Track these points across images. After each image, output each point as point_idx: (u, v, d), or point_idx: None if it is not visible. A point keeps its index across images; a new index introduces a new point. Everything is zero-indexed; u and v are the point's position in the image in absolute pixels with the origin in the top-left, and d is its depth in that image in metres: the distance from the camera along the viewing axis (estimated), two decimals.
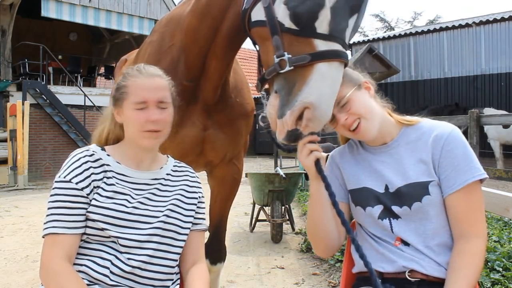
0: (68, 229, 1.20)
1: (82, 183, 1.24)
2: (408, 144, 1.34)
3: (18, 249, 4.44)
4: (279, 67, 1.26)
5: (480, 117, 4.84)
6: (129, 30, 12.50)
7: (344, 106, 1.30)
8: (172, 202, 1.35)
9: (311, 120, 1.20)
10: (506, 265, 2.99)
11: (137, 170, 1.34)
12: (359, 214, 1.39)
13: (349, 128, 1.31)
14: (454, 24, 13.55)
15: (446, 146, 1.27)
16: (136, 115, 1.27)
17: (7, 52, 10.89)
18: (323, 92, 1.19)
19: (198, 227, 1.41)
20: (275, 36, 1.28)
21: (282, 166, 9.10)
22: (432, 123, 1.36)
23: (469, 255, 1.20)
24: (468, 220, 1.23)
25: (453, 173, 1.24)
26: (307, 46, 1.23)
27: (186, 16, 1.81)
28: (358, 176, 1.39)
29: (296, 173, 5.27)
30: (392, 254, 1.28)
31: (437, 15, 46.64)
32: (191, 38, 1.79)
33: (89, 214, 1.23)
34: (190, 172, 1.48)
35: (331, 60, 1.21)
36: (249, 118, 2.19)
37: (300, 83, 1.22)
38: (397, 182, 1.30)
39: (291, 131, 1.23)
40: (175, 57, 1.88)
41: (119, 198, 1.26)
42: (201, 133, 2.00)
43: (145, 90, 1.28)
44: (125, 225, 1.24)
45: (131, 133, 1.31)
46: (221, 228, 2.39)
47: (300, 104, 1.20)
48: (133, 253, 1.23)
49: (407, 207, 1.27)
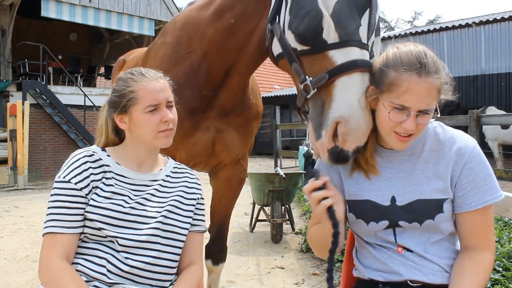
0: (67, 229, 1.22)
1: (81, 183, 1.25)
2: (423, 152, 1.25)
3: (18, 249, 4.44)
4: (305, 93, 1.25)
5: (480, 117, 4.84)
6: (129, 30, 12.50)
7: (422, 115, 1.13)
8: (171, 203, 1.35)
9: (347, 134, 1.15)
10: (506, 265, 2.99)
11: (137, 171, 1.35)
12: (359, 226, 1.30)
13: (401, 132, 1.16)
14: (454, 24, 13.55)
15: (469, 163, 1.20)
16: (150, 118, 1.29)
17: (7, 52, 10.88)
18: (350, 104, 1.15)
19: (196, 229, 1.41)
20: (293, 63, 1.29)
21: (282, 166, 9.10)
22: (451, 132, 1.26)
23: (478, 265, 1.19)
24: (480, 235, 1.22)
25: (472, 191, 1.20)
26: (324, 61, 1.21)
27: (206, 27, 1.78)
28: (360, 186, 1.29)
29: (296, 173, 5.27)
30: (393, 263, 1.24)
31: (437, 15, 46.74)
32: (215, 52, 1.78)
33: (87, 213, 1.24)
34: (189, 173, 1.49)
35: (349, 72, 1.17)
36: (260, 118, 2.21)
37: (328, 102, 1.19)
38: (408, 196, 1.22)
39: (331, 150, 1.18)
40: (194, 64, 1.86)
41: (117, 199, 1.27)
42: (214, 136, 2.00)
43: (155, 92, 1.30)
44: (122, 225, 1.25)
45: (144, 136, 1.32)
46: (224, 228, 2.38)
47: (331, 120, 1.17)
48: (131, 253, 1.24)
49: (417, 223, 1.21)
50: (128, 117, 1.31)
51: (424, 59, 1.12)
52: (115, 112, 1.32)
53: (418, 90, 1.10)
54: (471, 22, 13.02)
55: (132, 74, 1.33)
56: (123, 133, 1.39)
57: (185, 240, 1.36)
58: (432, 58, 1.14)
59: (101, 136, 1.40)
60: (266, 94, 18.77)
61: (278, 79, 22.23)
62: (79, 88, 11.95)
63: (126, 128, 1.33)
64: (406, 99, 1.11)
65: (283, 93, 18.42)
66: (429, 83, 1.11)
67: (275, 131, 10.13)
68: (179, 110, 1.92)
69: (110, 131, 1.39)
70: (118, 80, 1.35)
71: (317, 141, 1.22)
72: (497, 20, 12.35)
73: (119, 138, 1.40)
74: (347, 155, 1.18)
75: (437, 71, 1.12)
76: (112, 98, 1.34)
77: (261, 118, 2.23)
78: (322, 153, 1.22)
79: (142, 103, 1.28)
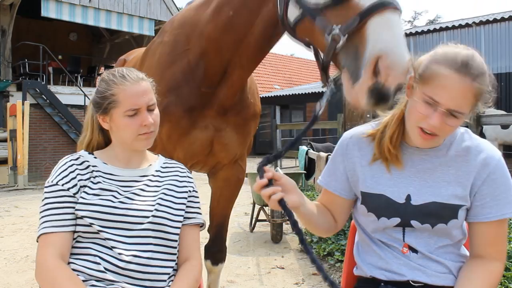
0: (58, 228, 1.23)
1: (68, 184, 1.28)
2: (446, 156, 1.23)
3: (18, 249, 4.44)
4: (334, 43, 1.20)
5: (480, 117, 4.84)
6: (129, 30, 12.49)
7: (450, 116, 1.10)
8: (161, 196, 1.35)
9: (389, 67, 1.09)
10: (506, 265, 2.99)
11: (125, 168, 1.37)
12: (369, 220, 1.29)
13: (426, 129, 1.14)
14: (454, 24, 13.55)
15: (493, 174, 1.19)
16: (130, 122, 1.30)
17: (7, 52, 10.88)
18: (389, 39, 1.11)
19: (191, 221, 1.40)
20: (317, 17, 1.25)
21: (282, 166, 9.10)
22: (478, 141, 1.25)
23: (487, 274, 1.18)
24: (493, 246, 1.21)
25: (491, 202, 1.19)
26: (351, 9, 1.18)
27: (205, 25, 1.78)
28: (377, 179, 1.27)
29: (296, 173, 5.28)
30: (397, 264, 1.23)
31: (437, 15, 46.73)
32: (213, 48, 1.77)
33: (77, 211, 1.25)
34: (180, 167, 1.49)
35: (380, 11, 1.13)
36: (258, 118, 2.21)
37: (362, 44, 1.14)
38: (424, 196, 1.21)
39: (373, 86, 1.11)
40: (191, 61, 1.86)
41: (106, 195, 1.28)
42: (212, 135, 1.99)
43: (135, 97, 1.30)
44: (112, 219, 1.25)
45: (125, 138, 1.34)
46: (223, 229, 2.38)
47: (371, 55, 1.11)
48: (122, 248, 1.24)
49: (429, 225, 1.20)
50: (109, 118, 1.33)
51: (469, 61, 1.09)
52: (98, 113, 1.35)
53: (452, 87, 1.08)
54: (471, 22, 13.02)
55: (114, 76, 1.33)
56: (107, 132, 1.41)
57: (178, 233, 1.35)
58: (479, 63, 1.11)
59: (87, 130, 1.42)
60: (266, 94, 18.77)
61: (278, 79, 22.22)
62: (79, 88, 11.95)
63: (108, 127, 1.36)
64: (438, 93, 1.09)
65: (283, 93, 18.41)
66: (466, 85, 1.08)
67: (275, 131, 10.13)
68: (177, 109, 1.90)
69: (96, 127, 1.41)
70: (101, 81, 1.36)
71: (354, 84, 1.16)
72: (497, 20, 12.35)
73: (104, 135, 1.42)
74: (389, 92, 1.11)
75: (480, 76, 1.09)
76: (95, 98, 1.36)
77: (259, 118, 2.23)
78: (361, 95, 1.14)
79: (123, 107, 1.30)
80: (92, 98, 1.38)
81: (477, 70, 1.09)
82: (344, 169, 1.34)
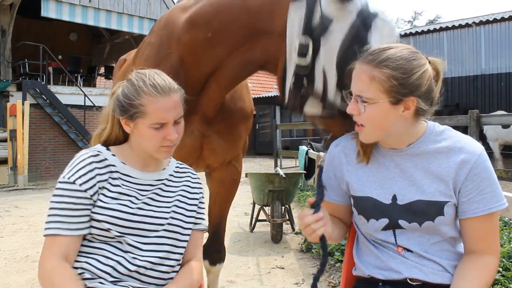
0: (69, 231, 1.20)
1: (86, 184, 1.23)
2: (425, 153, 1.24)
3: (18, 249, 4.44)
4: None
5: (480, 117, 4.84)
6: (129, 30, 12.50)
7: (360, 103, 1.17)
8: (175, 203, 1.36)
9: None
10: (506, 265, 2.99)
11: (142, 171, 1.34)
12: (361, 222, 1.32)
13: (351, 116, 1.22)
14: (454, 24, 13.55)
15: (475, 169, 1.19)
16: (154, 134, 1.25)
17: (7, 52, 10.88)
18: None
19: (197, 227, 1.42)
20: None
21: (282, 166, 9.10)
22: (458, 137, 1.25)
23: (482, 269, 1.19)
24: (485, 240, 1.22)
25: (477, 197, 1.19)
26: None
27: (182, 32, 1.74)
28: (362, 182, 1.30)
29: (296, 173, 5.28)
30: (394, 263, 1.24)
31: (437, 15, 46.76)
32: (191, 60, 1.75)
33: (94, 214, 1.23)
34: (191, 173, 1.49)
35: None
36: (249, 120, 2.18)
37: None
38: (409, 195, 1.22)
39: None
40: (174, 66, 1.80)
41: (124, 199, 1.26)
42: (200, 141, 1.98)
43: (164, 112, 1.24)
44: (129, 226, 1.24)
45: (146, 147, 1.29)
46: (220, 229, 2.38)
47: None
48: (137, 254, 1.24)
49: (417, 224, 1.21)
50: (133, 125, 1.28)
51: (374, 49, 1.19)
52: (122, 116, 1.28)
53: (354, 74, 1.19)
54: (471, 22, 13.02)
55: (144, 82, 1.25)
56: None
57: (188, 240, 1.36)
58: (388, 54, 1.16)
59: (106, 123, 1.36)
60: (266, 94, 18.71)
61: None
62: (79, 88, 11.95)
63: (130, 131, 1.31)
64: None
65: None
66: (362, 69, 1.17)
67: (275, 131, 10.13)
68: None
69: (116, 123, 1.35)
70: (128, 83, 1.28)
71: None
72: (497, 20, 12.34)
73: (123, 130, 1.35)
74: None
75: (382, 62, 1.14)
76: (121, 100, 1.27)
77: (251, 118, 2.19)
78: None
79: (150, 119, 1.24)
80: (117, 97, 1.29)
81: (379, 56, 1.16)
82: (334, 177, 1.37)
